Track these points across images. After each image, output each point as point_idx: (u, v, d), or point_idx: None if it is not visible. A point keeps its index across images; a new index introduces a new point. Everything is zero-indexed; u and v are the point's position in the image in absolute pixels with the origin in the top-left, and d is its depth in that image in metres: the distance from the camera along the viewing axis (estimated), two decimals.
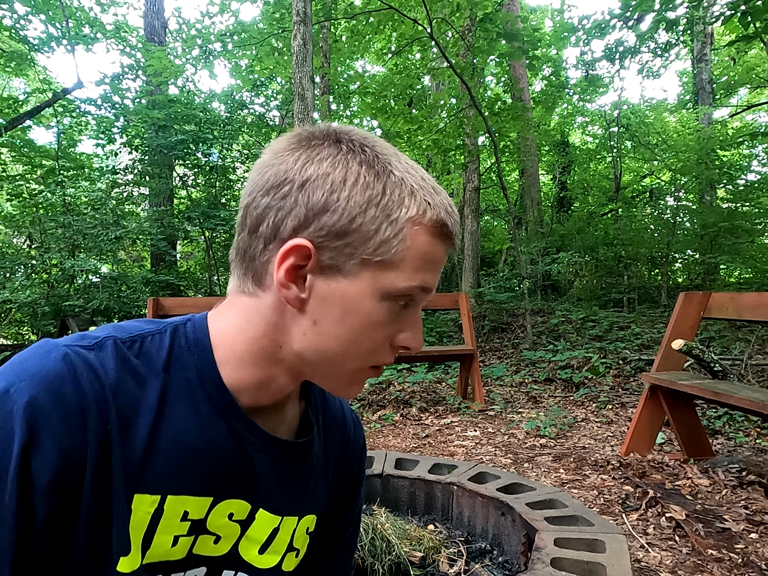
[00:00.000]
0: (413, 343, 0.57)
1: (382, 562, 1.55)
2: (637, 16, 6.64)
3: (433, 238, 0.54)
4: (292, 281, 0.52)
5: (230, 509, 0.59)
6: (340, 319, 0.53)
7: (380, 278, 0.52)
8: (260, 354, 0.56)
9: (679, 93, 15.22)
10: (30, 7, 8.04)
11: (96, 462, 0.48)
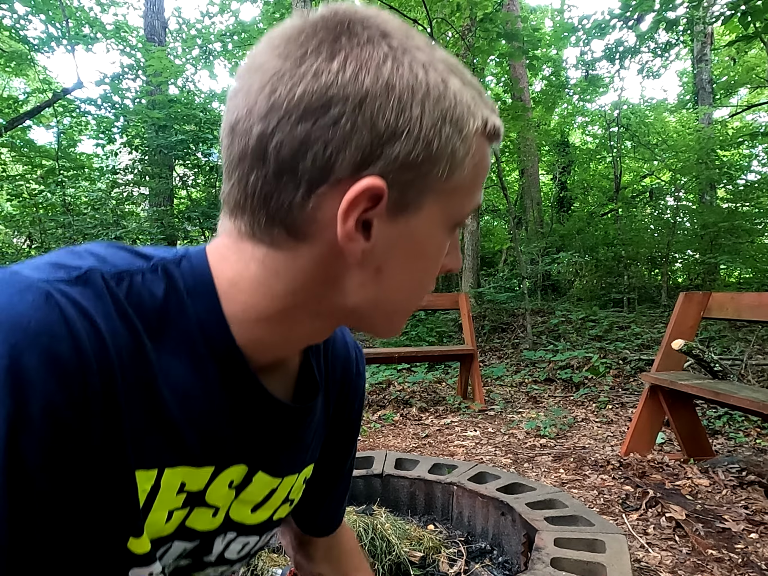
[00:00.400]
0: (456, 263, 0.53)
1: (382, 562, 1.55)
2: (637, 16, 6.64)
3: (489, 146, 0.48)
4: (359, 231, 0.42)
5: (231, 477, 0.52)
6: (406, 263, 0.46)
7: (449, 206, 0.46)
8: (291, 311, 0.47)
9: (679, 93, 15.22)
10: (30, 7, 8.04)
11: (101, 435, 0.39)
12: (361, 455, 2.23)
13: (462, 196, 0.47)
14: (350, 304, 0.47)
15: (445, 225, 0.47)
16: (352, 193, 0.40)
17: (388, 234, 0.44)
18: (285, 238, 0.44)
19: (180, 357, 0.45)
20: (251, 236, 0.45)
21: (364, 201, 0.41)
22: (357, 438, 0.75)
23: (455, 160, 0.44)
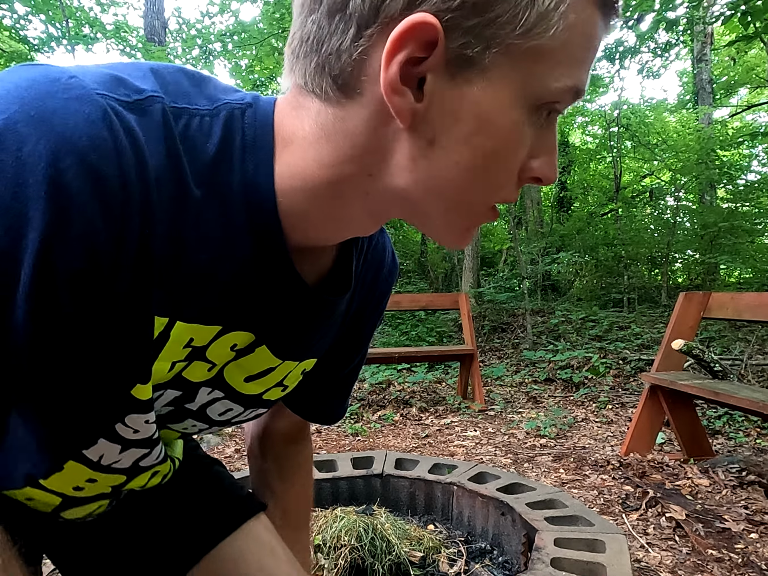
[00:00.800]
0: (549, 172, 0.43)
1: (382, 562, 1.55)
2: (637, 16, 6.64)
3: (599, 11, 0.38)
4: (407, 84, 0.37)
5: (235, 340, 0.51)
6: (467, 139, 0.38)
7: (530, 76, 0.37)
8: (340, 186, 0.42)
9: (679, 93, 15.22)
10: (30, 7, 8.05)
11: (130, 273, 0.37)
12: (361, 455, 2.23)
13: (551, 66, 0.37)
14: (401, 184, 0.41)
15: (526, 101, 0.38)
16: (398, 30, 0.35)
17: (448, 96, 0.37)
18: (335, 92, 0.39)
19: (219, 215, 0.41)
20: (305, 87, 0.41)
21: (412, 43, 0.35)
22: (369, 343, 0.71)
23: (540, 10, 0.35)
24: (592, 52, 0.40)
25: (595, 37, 0.39)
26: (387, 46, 0.35)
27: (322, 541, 1.58)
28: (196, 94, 0.41)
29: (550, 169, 0.43)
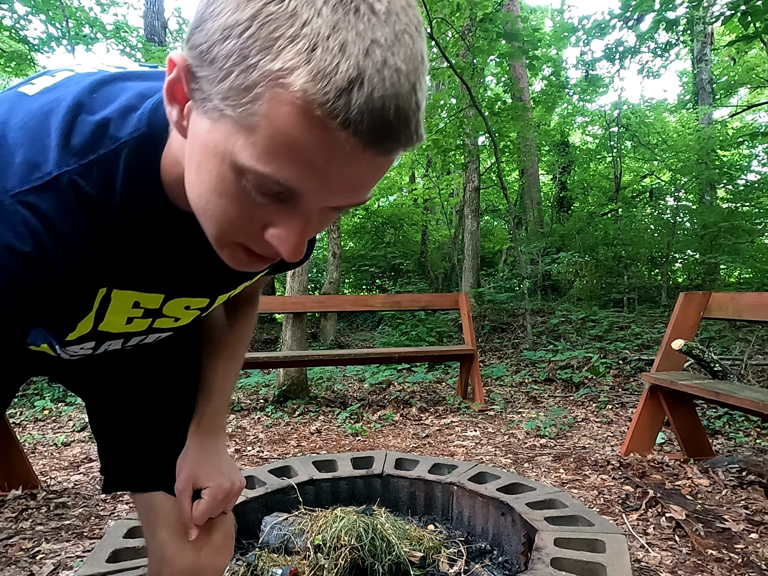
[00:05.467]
0: (281, 245, 0.46)
1: (382, 562, 1.55)
2: (637, 16, 6.64)
3: (306, 120, 0.37)
4: (174, 99, 0.45)
5: (186, 303, 0.68)
6: (197, 168, 0.45)
7: (232, 140, 0.41)
8: (182, 175, 0.50)
9: (679, 93, 15.23)
10: (30, 7, 8.04)
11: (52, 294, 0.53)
12: (361, 455, 2.23)
13: (244, 142, 0.40)
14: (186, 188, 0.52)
15: (229, 160, 0.42)
16: (167, 58, 0.44)
17: (193, 124, 0.45)
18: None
19: (138, 217, 0.55)
20: None
21: (173, 70, 0.44)
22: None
23: (231, 85, 0.38)
24: (305, 158, 0.39)
25: (307, 144, 0.38)
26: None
27: (322, 541, 1.58)
28: (101, 138, 0.51)
29: (281, 242, 0.46)
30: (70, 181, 0.49)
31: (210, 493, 0.81)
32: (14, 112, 0.50)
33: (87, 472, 2.68)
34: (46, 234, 0.48)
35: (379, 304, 4.86)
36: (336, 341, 8.02)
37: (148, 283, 0.62)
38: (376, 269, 11.53)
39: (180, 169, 0.51)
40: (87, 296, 0.58)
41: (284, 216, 0.45)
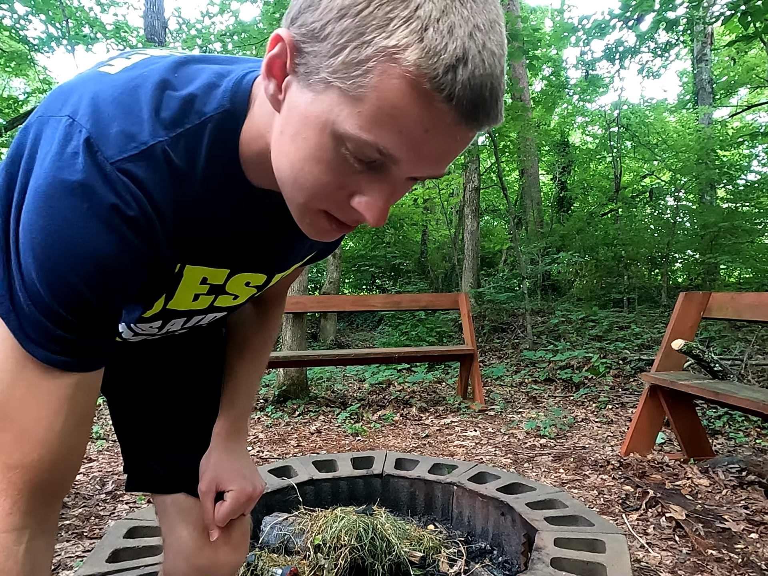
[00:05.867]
0: (367, 211, 0.50)
1: (382, 562, 1.55)
2: (637, 16, 6.64)
3: (414, 93, 0.42)
4: (271, 74, 0.48)
5: (247, 279, 0.71)
6: (293, 137, 0.48)
7: (336, 110, 0.44)
8: (265, 150, 0.54)
9: (679, 93, 15.23)
10: (30, 7, 8.04)
11: (152, 261, 0.55)
12: (361, 455, 2.23)
13: (350, 111, 0.44)
14: (272, 156, 0.54)
15: (330, 128, 0.45)
16: (271, 35, 0.47)
17: (292, 97, 0.48)
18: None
19: (215, 191, 0.57)
20: None
21: (276, 47, 0.47)
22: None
23: (344, 60, 0.42)
24: (405, 127, 0.43)
25: (409, 115, 0.43)
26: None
27: (322, 541, 1.58)
28: (188, 111, 0.53)
29: (367, 208, 0.50)
30: (163, 151, 0.51)
31: (233, 496, 0.82)
32: (102, 88, 0.51)
33: (87, 472, 2.68)
34: (146, 199, 0.51)
35: (379, 304, 4.86)
36: (336, 341, 8.02)
37: (217, 258, 0.64)
38: (376, 269, 11.52)
39: (260, 144, 0.55)
40: (171, 270, 0.60)
41: (373, 183, 0.49)
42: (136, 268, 0.53)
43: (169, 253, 0.57)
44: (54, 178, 0.47)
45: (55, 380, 0.51)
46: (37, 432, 0.51)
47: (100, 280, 0.49)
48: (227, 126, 0.55)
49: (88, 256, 0.48)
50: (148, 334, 0.75)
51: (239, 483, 0.83)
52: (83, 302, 0.50)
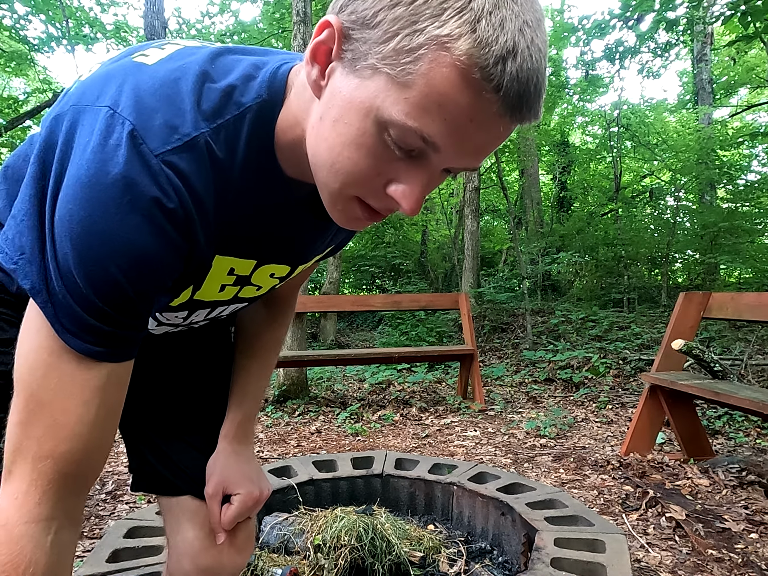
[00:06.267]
0: (403, 199, 0.50)
1: (382, 562, 1.55)
2: (637, 16, 6.64)
3: (463, 81, 0.43)
4: (315, 60, 0.49)
5: (272, 270, 0.71)
6: (334, 122, 0.49)
7: (383, 95, 0.45)
8: (300, 138, 0.55)
9: (679, 93, 15.22)
10: (30, 7, 8.04)
11: (188, 254, 0.55)
12: (361, 455, 2.23)
13: (398, 98, 0.44)
14: (307, 142, 0.54)
15: (375, 114, 0.46)
16: (320, 21, 0.47)
17: (336, 82, 0.48)
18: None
19: (249, 182, 0.57)
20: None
21: (323, 32, 0.48)
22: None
23: (395, 47, 0.43)
24: (451, 115, 0.44)
25: (456, 102, 0.43)
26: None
27: (322, 541, 1.58)
28: (227, 104, 0.54)
29: (404, 196, 0.50)
30: (205, 143, 0.52)
31: (240, 500, 0.82)
32: (142, 79, 0.51)
33: None
34: (187, 192, 0.51)
35: (379, 304, 4.86)
36: (336, 341, 8.02)
37: (245, 249, 0.64)
38: (376, 269, 11.53)
39: (296, 132, 0.55)
40: (207, 262, 0.60)
41: (411, 172, 0.49)
42: (173, 261, 0.53)
43: (206, 247, 0.58)
44: (96, 169, 0.47)
45: (89, 371, 0.52)
46: (69, 423, 0.51)
47: (137, 272, 0.50)
48: (264, 115, 0.56)
49: (127, 248, 0.48)
50: (172, 324, 0.75)
51: (246, 486, 0.83)
52: (120, 294, 0.50)
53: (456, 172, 0.52)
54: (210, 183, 0.53)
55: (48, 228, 0.49)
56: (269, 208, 0.61)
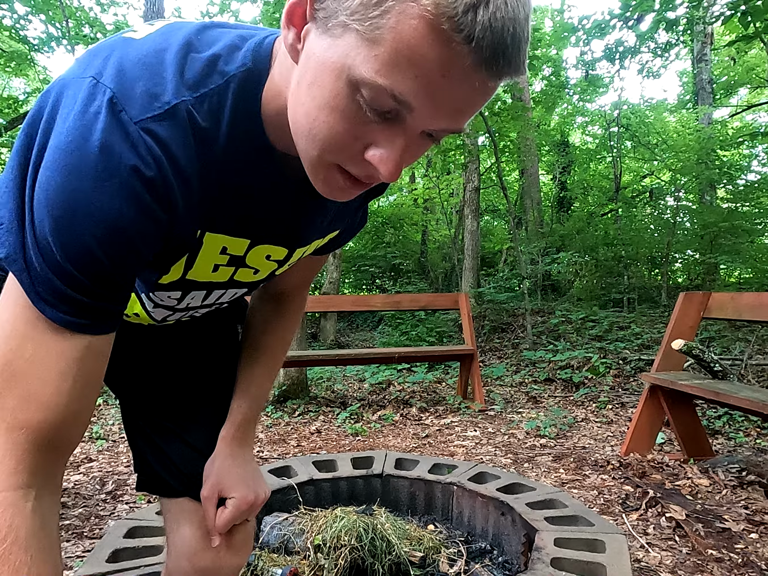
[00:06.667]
0: (381, 164, 0.48)
1: (382, 562, 1.55)
2: (637, 16, 6.65)
3: (432, 33, 0.41)
4: (291, 23, 0.48)
5: (267, 252, 0.69)
6: (309, 86, 0.48)
7: (353, 54, 0.43)
8: (284, 108, 0.53)
9: (679, 93, 15.23)
10: (30, 7, 8.04)
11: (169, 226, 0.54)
12: (361, 455, 2.23)
13: (368, 56, 0.43)
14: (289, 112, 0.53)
15: (344, 73, 0.44)
16: None
17: (310, 45, 0.47)
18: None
19: (237, 154, 0.56)
20: None
21: None
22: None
23: (362, 0, 0.42)
24: (422, 71, 0.42)
25: (426, 56, 0.41)
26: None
27: (322, 541, 1.58)
28: (210, 72, 0.53)
29: (381, 161, 0.48)
30: (187, 111, 0.51)
31: (234, 504, 0.81)
32: (127, 51, 0.51)
33: (87, 472, 2.68)
34: (167, 161, 0.50)
35: (379, 304, 4.86)
36: (336, 341, 8.02)
37: (237, 226, 0.63)
38: (376, 269, 11.53)
39: (280, 102, 0.54)
40: (189, 234, 0.59)
41: (388, 136, 0.48)
42: (151, 232, 0.52)
43: (190, 220, 0.56)
44: (75, 136, 0.47)
45: (65, 341, 0.51)
46: (44, 393, 0.51)
47: (112, 241, 0.49)
48: (249, 84, 0.55)
49: (103, 216, 0.48)
50: (168, 306, 0.74)
51: (241, 490, 0.82)
52: (95, 263, 0.49)
53: (438, 136, 0.50)
54: (193, 153, 0.52)
55: (28, 197, 0.49)
56: (258, 181, 0.60)
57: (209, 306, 0.79)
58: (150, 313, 0.77)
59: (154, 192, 0.50)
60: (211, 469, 0.84)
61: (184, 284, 0.68)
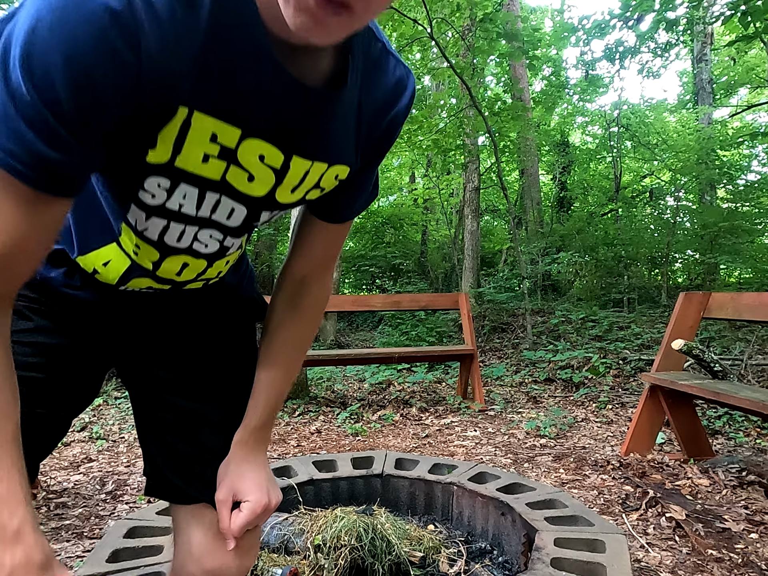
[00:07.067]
0: None
1: (382, 562, 1.55)
2: (637, 16, 6.65)
3: None
4: None
5: (260, 151, 0.64)
6: None
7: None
8: None
9: (679, 93, 15.23)
10: None
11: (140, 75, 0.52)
12: (361, 455, 2.23)
13: None
14: None
15: None
16: None
17: None
18: None
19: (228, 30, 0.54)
20: None
21: None
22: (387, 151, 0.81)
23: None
24: None
25: None
26: None
27: (322, 541, 1.58)
28: None
29: None
30: None
31: (249, 507, 0.81)
32: None
33: (87, 472, 2.68)
34: (141, 1, 0.49)
35: (379, 304, 4.86)
36: (336, 341, 8.02)
37: (227, 111, 0.59)
38: (376, 269, 11.53)
39: None
40: (167, 101, 0.56)
41: None
42: (116, 73, 0.51)
43: (166, 76, 0.54)
44: None
45: (14, 186, 0.53)
46: None
47: (73, 76, 0.49)
48: None
49: (67, 47, 0.48)
50: (160, 207, 0.67)
51: (256, 494, 0.82)
52: (55, 97, 0.49)
53: None
54: (172, 9, 0.51)
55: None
56: (246, 55, 0.57)
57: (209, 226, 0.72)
58: (144, 235, 0.71)
59: (121, 28, 0.49)
60: (225, 473, 0.83)
61: (173, 172, 0.63)
